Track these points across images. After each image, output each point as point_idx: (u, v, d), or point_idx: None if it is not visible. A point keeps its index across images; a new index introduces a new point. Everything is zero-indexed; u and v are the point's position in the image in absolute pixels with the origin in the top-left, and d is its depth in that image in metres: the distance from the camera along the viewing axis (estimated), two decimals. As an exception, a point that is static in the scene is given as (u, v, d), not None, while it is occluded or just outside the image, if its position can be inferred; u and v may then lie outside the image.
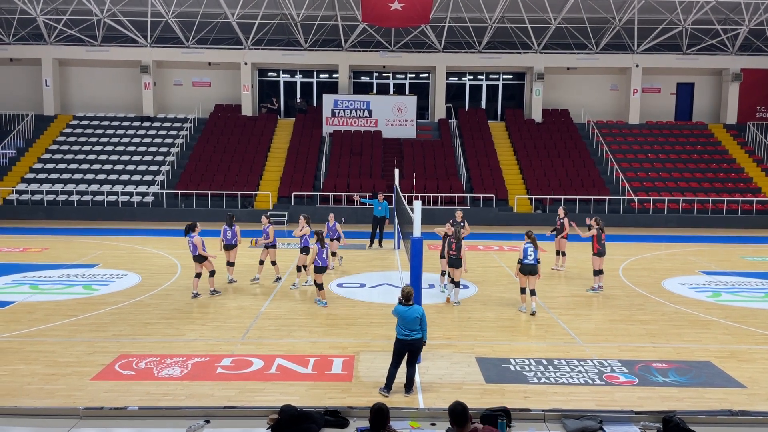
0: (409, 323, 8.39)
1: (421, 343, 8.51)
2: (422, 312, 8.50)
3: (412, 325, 8.39)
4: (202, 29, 30.79)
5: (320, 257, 12.90)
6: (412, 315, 8.40)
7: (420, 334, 8.43)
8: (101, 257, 18.23)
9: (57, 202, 26.84)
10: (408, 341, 8.41)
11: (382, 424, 5.41)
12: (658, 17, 29.78)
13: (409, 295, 8.53)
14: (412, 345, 8.43)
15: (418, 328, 8.41)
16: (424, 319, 8.50)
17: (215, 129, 31.13)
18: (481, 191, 27.41)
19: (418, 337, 8.43)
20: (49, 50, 31.27)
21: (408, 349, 8.46)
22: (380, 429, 5.39)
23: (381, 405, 5.48)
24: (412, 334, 8.40)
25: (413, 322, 8.38)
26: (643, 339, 11.19)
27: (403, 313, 8.43)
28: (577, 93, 33.15)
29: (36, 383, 8.82)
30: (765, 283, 15.85)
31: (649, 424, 6.09)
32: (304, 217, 14.55)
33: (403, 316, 8.43)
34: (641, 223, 26.44)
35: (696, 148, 30.75)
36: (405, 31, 31.11)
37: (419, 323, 8.41)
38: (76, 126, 31.37)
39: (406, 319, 8.40)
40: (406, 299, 8.51)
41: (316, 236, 13.00)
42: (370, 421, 5.46)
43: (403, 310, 8.45)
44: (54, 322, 11.73)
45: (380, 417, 5.42)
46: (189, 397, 8.36)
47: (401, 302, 8.54)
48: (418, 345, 8.48)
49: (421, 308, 8.56)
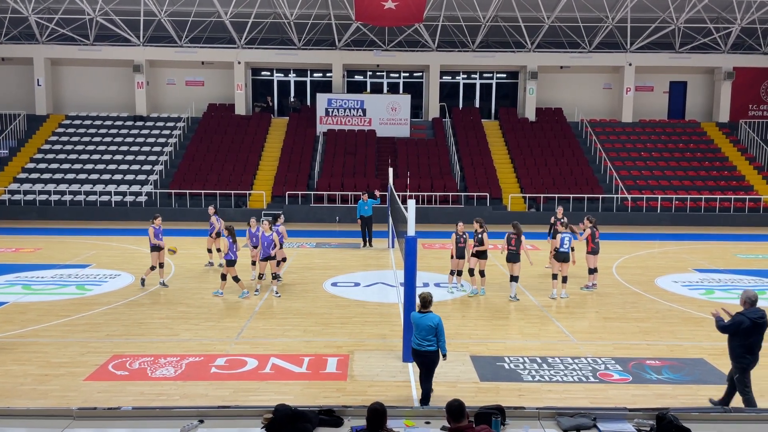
0: (422, 331, 7.65)
1: (435, 356, 7.64)
2: (438, 320, 7.66)
3: (425, 334, 7.62)
4: (195, 28, 30.70)
5: (232, 251, 13.46)
6: (425, 323, 7.65)
7: (434, 346, 7.59)
8: (94, 257, 18.16)
9: (50, 202, 26.72)
10: (420, 351, 7.66)
11: (380, 424, 5.42)
12: (650, 16, 29.89)
13: (426, 301, 7.78)
14: (424, 356, 7.66)
15: (433, 339, 7.61)
16: (440, 328, 7.64)
17: (209, 128, 31.05)
18: (475, 190, 27.45)
19: (432, 349, 7.59)
20: (41, 49, 31.12)
21: (420, 360, 7.72)
22: (377, 429, 5.40)
23: (377, 405, 5.49)
24: (424, 344, 7.63)
25: (427, 330, 7.61)
26: (637, 337, 11.23)
27: (417, 320, 7.71)
28: (570, 92, 33.23)
29: (29, 384, 8.78)
30: (758, 280, 15.93)
31: (642, 422, 6.11)
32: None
33: (417, 323, 7.71)
34: (634, 222, 26.53)
35: (689, 147, 30.87)
36: (399, 30, 31.10)
37: (434, 333, 7.60)
38: (68, 126, 31.23)
39: (419, 327, 7.68)
40: (423, 305, 7.78)
41: (227, 231, 13.61)
42: (367, 420, 5.46)
43: (418, 317, 7.74)
44: (47, 322, 11.68)
45: (377, 417, 5.43)
46: (183, 397, 8.34)
47: (419, 309, 7.87)
48: (431, 357, 7.62)
49: (438, 317, 7.71)
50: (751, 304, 7.72)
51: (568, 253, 13.51)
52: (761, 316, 7.62)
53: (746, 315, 7.62)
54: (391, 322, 11.93)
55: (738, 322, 7.65)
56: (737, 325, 7.64)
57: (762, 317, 7.62)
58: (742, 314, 7.68)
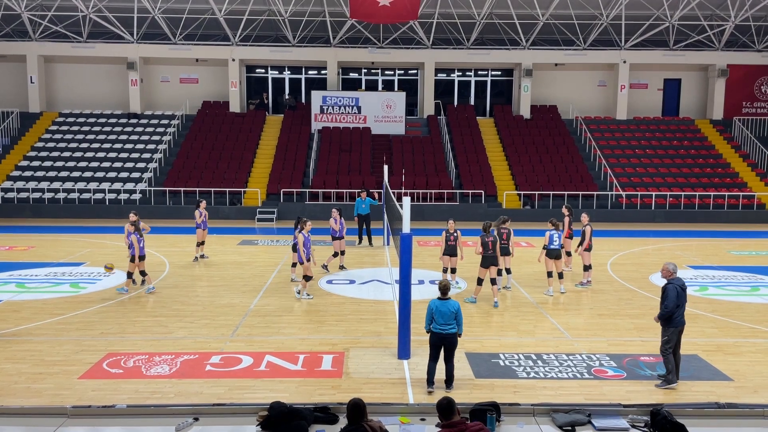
0: (445, 317, 8.38)
1: (455, 338, 8.51)
2: (458, 306, 8.52)
3: (448, 319, 8.38)
4: (189, 25, 30.59)
5: (141, 246, 13.85)
6: (449, 309, 8.40)
7: (455, 328, 8.47)
8: (88, 255, 18.10)
9: (43, 200, 26.60)
10: (444, 335, 8.40)
11: (360, 417, 5.50)
12: (645, 13, 29.95)
13: (446, 289, 8.58)
14: (446, 339, 8.42)
15: (454, 322, 8.43)
16: (459, 313, 8.52)
17: (203, 126, 30.97)
18: (470, 187, 27.47)
19: (454, 331, 8.44)
20: (34, 47, 30.95)
21: (443, 344, 8.45)
22: (359, 422, 5.47)
23: (356, 400, 5.62)
24: (447, 328, 8.39)
25: (449, 316, 8.38)
26: (632, 333, 11.27)
27: (440, 307, 8.43)
28: (565, 89, 33.26)
29: (23, 382, 8.75)
30: (751, 277, 16.00)
31: (637, 417, 6.15)
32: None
33: (440, 310, 8.41)
34: (629, 218, 26.59)
35: (683, 144, 30.96)
36: (393, 27, 31.06)
37: (455, 317, 8.43)
38: (62, 123, 31.09)
39: (443, 313, 8.38)
40: (443, 293, 8.55)
41: (133, 227, 14.05)
42: (348, 416, 5.54)
43: (440, 304, 8.45)
44: (41, 320, 11.64)
45: (357, 411, 5.52)
46: (178, 395, 8.31)
47: (438, 297, 8.57)
48: (452, 339, 8.46)
49: (457, 303, 8.54)
50: (674, 273, 8.90)
51: (559, 250, 13.82)
52: (683, 283, 8.91)
53: (674, 283, 8.78)
54: (387, 319, 11.93)
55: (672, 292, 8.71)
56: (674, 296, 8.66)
57: (684, 284, 8.90)
58: (671, 283, 8.80)
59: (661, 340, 8.85)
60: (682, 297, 8.76)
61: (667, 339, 8.76)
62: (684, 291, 8.81)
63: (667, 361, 8.77)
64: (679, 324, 8.78)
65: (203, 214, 17.37)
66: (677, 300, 8.67)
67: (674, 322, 8.75)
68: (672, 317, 8.73)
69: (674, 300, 8.65)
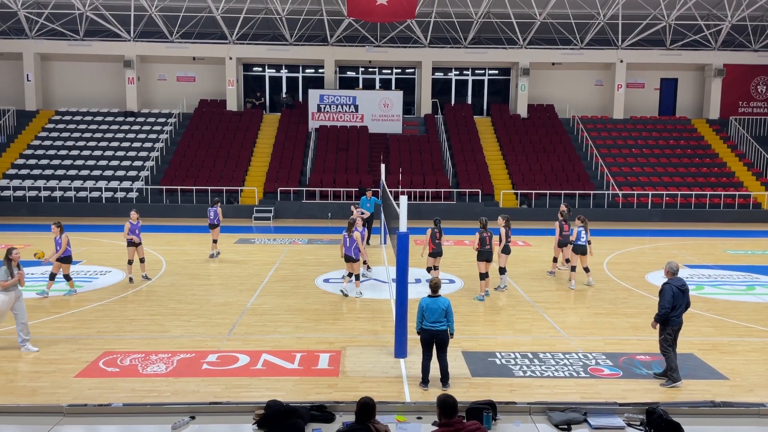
0: (435, 314, 8.42)
1: (446, 335, 8.51)
2: (448, 303, 8.54)
3: (438, 316, 8.42)
4: (186, 23, 30.54)
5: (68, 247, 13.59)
6: (439, 306, 8.44)
7: (445, 325, 8.47)
8: (85, 254, 18.07)
9: (40, 198, 26.54)
10: (434, 332, 8.43)
11: (368, 417, 5.44)
12: (641, 13, 29.98)
13: (437, 286, 8.63)
14: (437, 336, 8.45)
15: (444, 320, 8.45)
16: (449, 311, 8.52)
17: (200, 124, 30.92)
18: (467, 186, 27.49)
19: (444, 328, 8.46)
20: (31, 44, 30.87)
21: (434, 340, 8.48)
22: (366, 422, 5.42)
23: (367, 399, 5.52)
24: (437, 326, 8.44)
25: (440, 313, 8.43)
26: (628, 332, 11.30)
27: (430, 305, 8.47)
28: (562, 88, 33.30)
29: (19, 381, 8.74)
30: (747, 276, 16.05)
31: (632, 416, 6.16)
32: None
33: (430, 307, 8.45)
34: (625, 218, 26.64)
35: (679, 143, 31.02)
36: (391, 26, 31.06)
37: (445, 315, 8.45)
38: (58, 121, 31.02)
39: (433, 311, 8.43)
40: (433, 290, 8.60)
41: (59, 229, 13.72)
42: (356, 414, 5.48)
43: (430, 302, 8.50)
44: (37, 319, 11.61)
45: (366, 410, 5.45)
46: (174, 394, 8.32)
47: (429, 294, 8.63)
48: (443, 336, 8.47)
49: (447, 300, 8.59)
50: (673, 274, 8.87)
51: (585, 245, 14.31)
52: (683, 284, 8.88)
53: (671, 283, 8.76)
54: (383, 318, 11.94)
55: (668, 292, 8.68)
56: (669, 296, 8.65)
57: (684, 285, 8.87)
58: (668, 283, 8.81)
59: (659, 339, 8.88)
60: (679, 298, 8.69)
61: (664, 338, 8.79)
62: (683, 292, 8.74)
63: (669, 359, 8.77)
64: (675, 324, 8.77)
65: (217, 213, 17.83)
66: (673, 300, 8.64)
67: (671, 323, 8.74)
68: (668, 318, 8.71)
69: (669, 300, 8.63)
